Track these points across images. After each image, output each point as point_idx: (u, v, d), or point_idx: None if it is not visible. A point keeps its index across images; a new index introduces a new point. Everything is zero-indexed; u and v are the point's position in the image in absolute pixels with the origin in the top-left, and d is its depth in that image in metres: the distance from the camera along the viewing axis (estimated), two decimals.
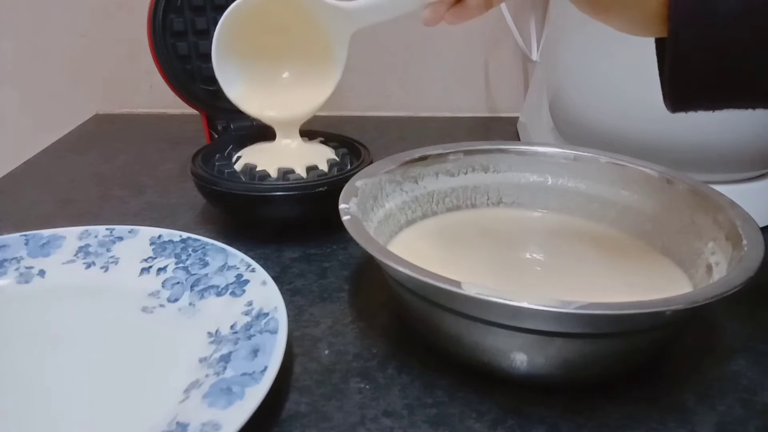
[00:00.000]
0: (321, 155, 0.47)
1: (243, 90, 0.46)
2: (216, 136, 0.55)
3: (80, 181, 0.57)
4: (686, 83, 0.28)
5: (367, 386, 0.32)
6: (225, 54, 0.44)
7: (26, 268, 0.40)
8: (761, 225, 0.34)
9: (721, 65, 0.27)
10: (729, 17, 0.26)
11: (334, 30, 0.44)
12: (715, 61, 0.27)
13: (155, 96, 0.77)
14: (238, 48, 0.45)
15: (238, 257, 0.38)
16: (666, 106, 0.30)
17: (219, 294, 0.37)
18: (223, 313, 0.35)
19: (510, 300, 0.27)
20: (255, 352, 0.31)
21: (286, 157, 0.46)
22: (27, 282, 0.39)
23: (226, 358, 0.31)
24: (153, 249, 0.41)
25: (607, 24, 0.30)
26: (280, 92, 0.47)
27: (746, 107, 0.29)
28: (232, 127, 0.54)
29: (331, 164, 0.46)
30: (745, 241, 0.32)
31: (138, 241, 0.41)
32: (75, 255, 0.40)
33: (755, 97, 0.28)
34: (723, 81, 0.28)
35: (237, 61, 0.45)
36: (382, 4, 0.41)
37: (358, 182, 0.39)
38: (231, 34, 0.44)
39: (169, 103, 0.61)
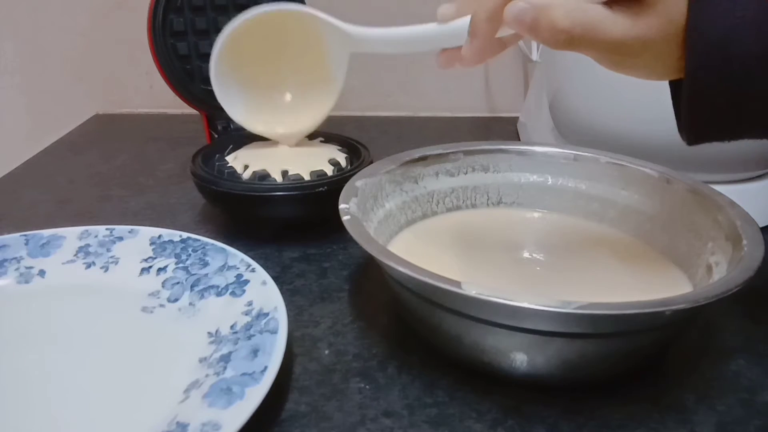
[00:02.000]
0: (323, 156, 0.47)
1: (246, 111, 0.46)
2: (216, 136, 0.55)
3: (80, 181, 0.57)
4: (703, 121, 0.29)
5: (367, 386, 0.32)
6: (225, 78, 0.44)
7: (26, 268, 0.40)
8: (761, 225, 0.34)
9: (738, 104, 0.27)
10: (745, 59, 0.26)
11: (333, 48, 0.43)
12: (731, 101, 0.27)
13: (155, 96, 0.77)
14: (238, 69, 0.45)
15: (238, 257, 0.38)
16: (681, 137, 0.30)
17: (219, 294, 0.37)
18: (223, 313, 0.35)
19: (510, 300, 0.27)
20: (255, 352, 0.31)
21: (288, 158, 0.46)
22: (27, 282, 0.39)
23: (226, 358, 0.31)
24: (153, 249, 0.41)
25: (629, 76, 0.30)
26: (282, 109, 0.47)
27: (761, 138, 0.30)
28: (232, 127, 0.54)
29: (333, 164, 0.46)
30: (745, 241, 0.32)
31: (138, 241, 0.41)
32: (75, 255, 0.40)
33: None
34: (739, 118, 0.28)
35: (237, 82, 0.45)
36: (389, 39, 0.39)
37: (358, 182, 0.38)
38: (229, 55, 0.44)
39: (169, 103, 0.61)
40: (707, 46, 0.26)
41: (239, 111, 0.46)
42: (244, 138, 0.51)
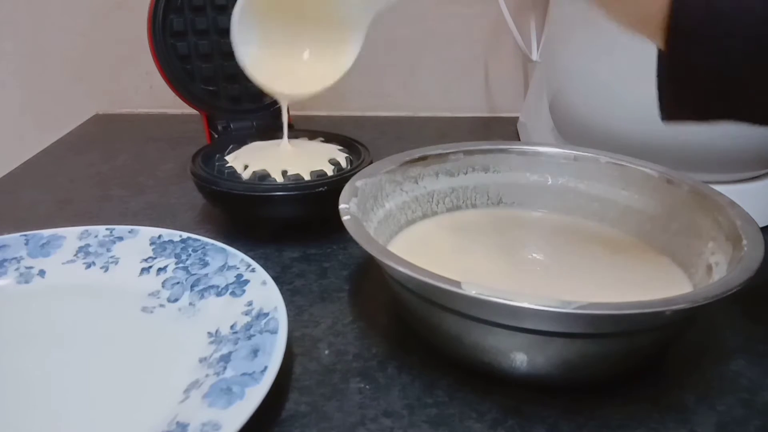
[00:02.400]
0: (323, 156, 0.47)
1: (256, 56, 0.45)
2: (216, 136, 0.55)
3: (80, 181, 0.57)
4: (681, 96, 0.28)
5: (367, 386, 0.32)
6: (249, 13, 0.43)
7: (26, 268, 0.40)
8: (761, 225, 0.34)
9: (719, 82, 0.27)
10: (730, 33, 0.26)
11: (355, 13, 0.43)
12: (713, 77, 0.27)
13: (155, 96, 0.77)
14: (261, 10, 0.44)
15: (238, 257, 0.38)
16: (660, 116, 0.30)
17: (219, 294, 0.37)
18: (223, 313, 0.35)
19: (510, 300, 0.27)
20: (255, 352, 0.31)
21: (289, 158, 0.46)
22: (27, 282, 0.39)
23: (226, 358, 0.31)
24: (153, 249, 0.40)
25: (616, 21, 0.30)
26: (292, 65, 0.46)
27: (741, 122, 0.30)
28: (232, 127, 0.54)
29: (333, 164, 0.46)
30: (745, 241, 0.32)
31: (138, 241, 0.41)
32: (75, 255, 0.40)
33: (752, 112, 0.29)
34: (719, 96, 0.28)
35: (257, 23, 0.44)
36: None
37: (358, 182, 0.38)
38: (253, 4, 0.43)
39: (169, 103, 0.61)
40: (691, 17, 0.26)
41: (249, 56, 0.45)
42: (244, 138, 0.51)
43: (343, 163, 0.47)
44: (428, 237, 0.41)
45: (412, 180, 0.42)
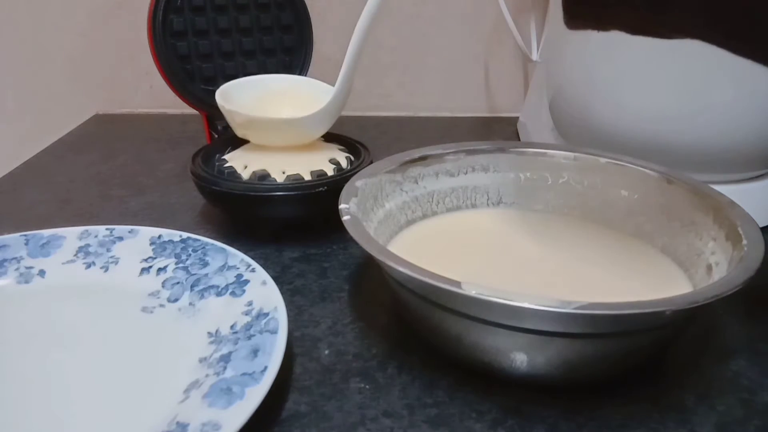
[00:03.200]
0: (323, 156, 0.47)
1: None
2: (216, 136, 0.55)
3: (80, 181, 0.57)
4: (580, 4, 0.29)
5: (367, 386, 0.32)
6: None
7: (26, 268, 0.40)
8: (761, 225, 0.34)
9: None
10: None
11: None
12: None
13: (155, 96, 0.77)
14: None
15: (238, 257, 0.38)
16: (565, 24, 0.31)
17: (219, 294, 0.37)
18: (223, 313, 0.35)
19: (510, 300, 0.27)
20: (255, 352, 0.31)
21: (288, 158, 0.46)
22: (27, 282, 0.39)
23: (226, 358, 0.31)
24: (153, 249, 0.41)
25: None
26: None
27: (628, 32, 0.30)
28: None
29: (333, 164, 0.46)
30: (745, 241, 0.32)
31: (138, 241, 0.41)
32: (75, 255, 0.40)
33: (635, 24, 0.29)
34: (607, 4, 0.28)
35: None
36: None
37: (358, 182, 0.38)
38: None
39: (169, 103, 0.61)
40: None
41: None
42: (244, 138, 0.51)
43: (343, 163, 0.47)
44: (428, 237, 0.41)
45: (412, 180, 0.42)
